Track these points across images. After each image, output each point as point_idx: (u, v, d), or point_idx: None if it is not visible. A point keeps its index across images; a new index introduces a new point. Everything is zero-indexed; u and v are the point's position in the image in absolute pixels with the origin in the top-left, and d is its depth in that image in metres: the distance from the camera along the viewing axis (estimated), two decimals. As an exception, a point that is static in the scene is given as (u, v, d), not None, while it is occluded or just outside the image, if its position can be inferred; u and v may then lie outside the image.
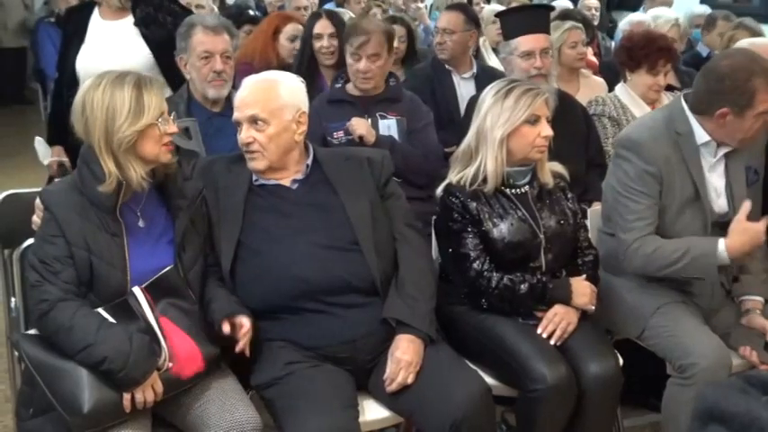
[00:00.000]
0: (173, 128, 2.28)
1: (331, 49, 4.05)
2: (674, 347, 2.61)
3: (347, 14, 5.24)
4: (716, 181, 2.78)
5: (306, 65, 4.07)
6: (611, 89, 4.04)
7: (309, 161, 2.57)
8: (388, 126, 3.45)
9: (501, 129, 2.59)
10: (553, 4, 6.30)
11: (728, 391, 0.52)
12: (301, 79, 2.65)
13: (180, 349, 2.22)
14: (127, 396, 2.13)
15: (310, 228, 2.46)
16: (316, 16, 4.23)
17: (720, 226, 2.74)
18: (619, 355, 2.61)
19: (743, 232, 2.59)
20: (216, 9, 6.47)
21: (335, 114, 3.40)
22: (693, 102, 2.71)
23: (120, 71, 2.27)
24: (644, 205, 2.69)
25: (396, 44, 3.72)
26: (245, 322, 2.32)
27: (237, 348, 2.31)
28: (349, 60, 3.44)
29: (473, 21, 4.47)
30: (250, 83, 2.55)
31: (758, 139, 2.78)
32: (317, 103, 3.37)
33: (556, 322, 2.56)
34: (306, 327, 2.39)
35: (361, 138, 3.28)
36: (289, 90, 2.54)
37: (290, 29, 4.38)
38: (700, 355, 2.53)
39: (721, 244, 2.60)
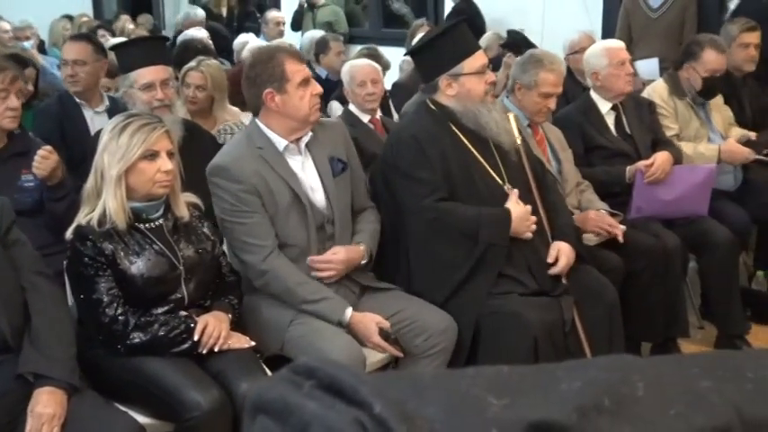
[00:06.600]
0: None
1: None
2: (312, 354, 2.72)
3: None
4: (310, 178, 2.96)
5: None
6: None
7: None
8: (28, 185, 3.19)
9: (117, 166, 2.53)
10: (188, 34, 6.38)
11: (273, 383, 0.59)
12: None
13: None
14: None
15: None
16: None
17: (330, 223, 2.96)
18: (268, 370, 2.68)
19: (368, 323, 2.83)
20: None
21: None
22: (249, 108, 2.92)
23: None
24: (253, 221, 2.82)
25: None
26: None
27: None
28: None
29: (102, 50, 4.34)
30: None
31: (336, 129, 3.05)
32: None
33: (214, 336, 2.56)
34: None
35: None
36: None
37: None
38: (337, 355, 2.68)
39: (348, 312, 2.84)
